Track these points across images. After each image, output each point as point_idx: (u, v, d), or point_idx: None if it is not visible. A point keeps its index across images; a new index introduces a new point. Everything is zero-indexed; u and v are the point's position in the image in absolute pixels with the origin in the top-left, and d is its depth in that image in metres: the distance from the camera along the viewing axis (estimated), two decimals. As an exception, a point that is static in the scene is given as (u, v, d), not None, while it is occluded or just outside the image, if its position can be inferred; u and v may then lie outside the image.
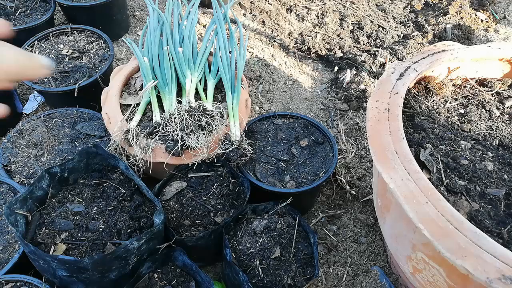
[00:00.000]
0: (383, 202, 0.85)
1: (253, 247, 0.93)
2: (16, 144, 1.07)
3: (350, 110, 1.46)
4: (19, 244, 0.90)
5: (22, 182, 1.01)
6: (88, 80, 1.24)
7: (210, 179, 1.02)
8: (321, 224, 1.18)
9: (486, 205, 0.72)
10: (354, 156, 1.27)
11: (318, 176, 1.03)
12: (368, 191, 1.21)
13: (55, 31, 1.39)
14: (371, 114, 0.82)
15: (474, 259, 0.58)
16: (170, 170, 0.99)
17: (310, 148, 1.10)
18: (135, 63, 1.13)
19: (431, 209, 0.64)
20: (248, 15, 1.88)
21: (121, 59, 1.63)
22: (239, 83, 1.03)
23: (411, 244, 0.74)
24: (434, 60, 0.93)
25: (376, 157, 0.74)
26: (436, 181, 0.75)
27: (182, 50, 1.01)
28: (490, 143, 0.85)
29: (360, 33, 1.74)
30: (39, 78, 0.66)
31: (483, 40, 1.74)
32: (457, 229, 0.61)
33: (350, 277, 1.06)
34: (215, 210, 0.97)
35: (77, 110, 1.17)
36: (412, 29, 1.77)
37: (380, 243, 1.13)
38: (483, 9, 1.88)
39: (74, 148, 1.07)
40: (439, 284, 0.70)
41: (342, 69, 1.63)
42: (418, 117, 0.92)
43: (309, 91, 1.60)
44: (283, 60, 1.70)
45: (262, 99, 1.53)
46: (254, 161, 1.05)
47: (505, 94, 0.97)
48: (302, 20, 1.85)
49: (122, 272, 0.84)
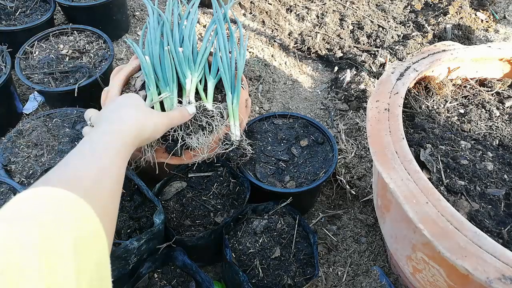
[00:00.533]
0: (383, 202, 0.85)
1: (253, 247, 0.93)
2: (16, 144, 1.07)
3: (350, 110, 1.46)
4: (19, 244, 0.90)
5: (22, 182, 1.01)
6: (88, 80, 1.24)
7: (210, 179, 1.02)
8: (321, 224, 1.18)
9: (486, 205, 0.72)
10: (354, 156, 1.27)
11: (318, 176, 1.03)
12: (368, 191, 1.21)
13: (55, 31, 1.39)
14: (371, 114, 0.82)
15: (474, 259, 0.58)
16: (170, 170, 0.99)
17: (310, 148, 1.10)
18: (135, 63, 1.13)
19: (431, 209, 0.64)
20: (248, 15, 1.88)
21: (121, 59, 1.63)
22: (239, 83, 1.03)
23: (411, 244, 0.74)
24: (434, 60, 0.93)
25: (376, 157, 0.74)
26: (436, 181, 0.75)
27: (182, 50, 1.00)
28: (490, 143, 0.85)
29: (360, 33, 1.75)
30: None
31: (483, 40, 1.74)
32: (457, 229, 0.61)
33: (350, 277, 1.06)
34: (215, 210, 0.97)
35: (77, 110, 1.16)
36: (412, 29, 1.77)
37: (380, 243, 1.13)
38: (483, 9, 1.88)
39: (74, 148, 1.07)
40: (439, 284, 0.70)
41: (342, 69, 1.63)
42: (418, 117, 0.92)
43: (309, 91, 1.59)
44: (283, 60, 1.70)
45: (262, 99, 1.53)
46: (254, 161, 1.05)
47: (505, 94, 0.97)
48: (302, 20, 1.85)
49: (122, 272, 0.84)
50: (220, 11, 1.09)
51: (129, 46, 1.70)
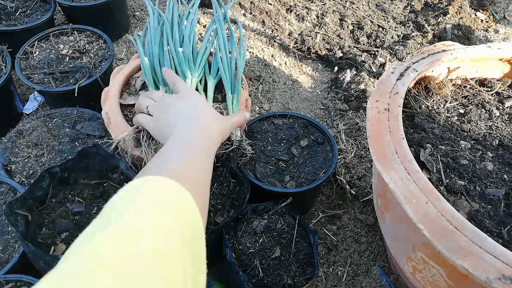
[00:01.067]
0: (383, 202, 0.85)
1: (253, 247, 0.93)
2: (16, 144, 1.07)
3: (350, 110, 1.46)
4: (19, 244, 0.90)
5: (22, 182, 1.01)
6: (88, 80, 1.24)
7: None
8: (321, 224, 1.18)
9: (486, 205, 0.72)
10: (354, 156, 1.28)
11: (318, 176, 1.03)
12: (368, 191, 1.21)
13: (55, 31, 1.39)
14: (371, 114, 0.82)
15: (474, 259, 0.58)
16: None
17: (310, 148, 1.10)
18: (135, 63, 1.14)
19: (431, 209, 0.64)
20: (248, 15, 1.89)
21: (121, 59, 1.63)
22: (239, 83, 1.03)
23: (411, 244, 0.74)
24: (434, 60, 0.93)
25: (376, 157, 0.74)
26: (436, 181, 0.75)
27: (182, 50, 1.01)
28: (490, 143, 0.85)
29: (360, 33, 1.75)
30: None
31: (483, 40, 1.74)
32: (457, 229, 0.61)
33: (350, 277, 1.06)
34: (215, 210, 0.97)
35: (77, 110, 1.17)
36: (412, 29, 1.77)
37: (380, 243, 1.14)
38: (483, 9, 1.89)
39: (74, 148, 1.07)
40: (439, 284, 0.70)
41: (342, 69, 1.63)
42: (418, 117, 0.92)
43: (309, 91, 1.60)
44: (283, 60, 1.70)
45: (262, 99, 1.53)
46: (254, 161, 1.05)
47: (505, 94, 0.97)
48: (302, 20, 1.85)
49: (122, 272, 0.84)
50: (220, 11, 1.09)
51: (129, 46, 1.70)
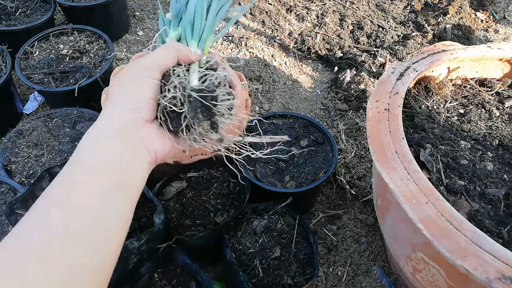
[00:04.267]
0: (383, 202, 0.85)
1: (253, 247, 0.93)
2: (16, 144, 1.07)
3: (350, 110, 1.46)
4: (19, 244, 0.90)
5: (22, 182, 1.01)
6: (88, 80, 1.24)
7: (210, 179, 1.02)
8: (321, 224, 1.18)
9: (486, 205, 0.72)
10: (354, 156, 1.28)
11: (318, 176, 1.03)
12: (368, 191, 1.21)
13: (55, 31, 1.39)
14: (371, 114, 0.82)
15: (474, 259, 0.58)
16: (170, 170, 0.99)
17: (310, 148, 1.10)
18: (135, 63, 1.13)
19: (431, 209, 0.64)
20: (248, 15, 1.89)
21: (121, 59, 1.63)
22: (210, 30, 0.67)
23: (411, 244, 0.74)
24: (434, 60, 0.93)
25: (376, 157, 0.74)
26: (436, 181, 0.75)
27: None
28: (490, 143, 0.85)
29: (360, 33, 1.75)
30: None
31: (483, 40, 1.74)
32: (457, 229, 0.61)
33: (350, 277, 1.06)
34: (215, 210, 0.97)
35: (77, 110, 1.17)
36: (412, 29, 1.77)
37: (380, 243, 1.13)
38: (483, 9, 1.89)
39: (74, 148, 1.07)
40: (439, 284, 0.70)
41: (342, 69, 1.63)
42: (418, 117, 0.92)
43: (309, 91, 1.60)
44: (283, 60, 1.70)
45: (262, 99, 1.53)
46: (254, 161, 1.05)
47: (505, 94, 0.97)
48: (302, 20, 1.85)
49: (122, 272, 0.84)
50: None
51: (129, 46, 1.70)
